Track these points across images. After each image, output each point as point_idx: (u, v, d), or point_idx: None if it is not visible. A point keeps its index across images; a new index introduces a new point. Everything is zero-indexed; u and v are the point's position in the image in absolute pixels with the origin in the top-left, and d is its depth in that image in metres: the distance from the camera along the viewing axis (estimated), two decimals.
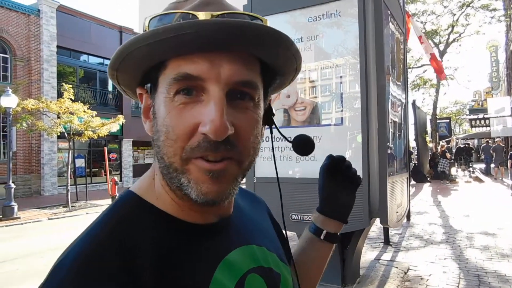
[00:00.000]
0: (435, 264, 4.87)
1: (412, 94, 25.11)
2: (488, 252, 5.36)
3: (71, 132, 11.64)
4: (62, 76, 16.52)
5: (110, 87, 19.09)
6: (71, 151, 12.17)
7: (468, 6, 21.70)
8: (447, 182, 15.64)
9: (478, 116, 25.94)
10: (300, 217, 3.36)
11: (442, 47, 22.91)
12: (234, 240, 0.59)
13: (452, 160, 16.78)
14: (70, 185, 11.61)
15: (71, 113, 11.28)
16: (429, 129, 22.20)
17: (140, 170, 19.64)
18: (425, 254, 5.33)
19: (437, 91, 23.30)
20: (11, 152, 10.23)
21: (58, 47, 15.97)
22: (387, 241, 5.89)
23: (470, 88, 56.49)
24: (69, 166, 11.83)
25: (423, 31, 20.51)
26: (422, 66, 22.82)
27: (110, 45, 18.29)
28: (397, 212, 3.55)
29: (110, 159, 17.39)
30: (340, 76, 3.43)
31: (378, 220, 3.36)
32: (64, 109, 11.14)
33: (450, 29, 22.55)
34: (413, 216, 8.03)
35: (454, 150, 20.49)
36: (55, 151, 15.78)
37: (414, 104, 15.83)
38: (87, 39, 17.31)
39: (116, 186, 12.50)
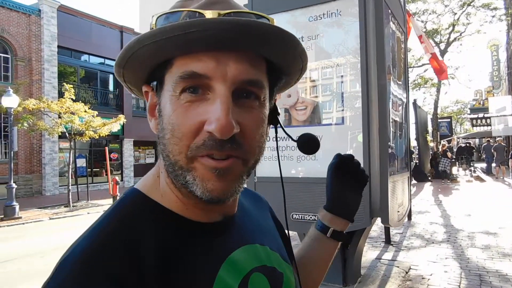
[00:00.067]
0: (436, 263, 4.86)
1: (413, 93, 25.15)
2: (489, 251, 5.35)
3: (72, 132, 11.66)
4: (63, 76, 16.55)
5: (111, 87, 19.12)
6: (72, 151, 12.20)
7: (469, 5, 21.69)
8: (448, 181, 15.62)
9: (478, 115, 25.89)
10: (301, 216, 3.36)
11: (443, 46, 22.91)
12: (238, 239, 0.59)
13: (453, 160, 16.74)
14: (71, 185, 11.63)
15: (72, 113, 11.31)
16: (430, 128, 22.18)
17: (141, 170, 19.66)
18: (426, 253, 5.32)
19: (438, 91, 23.29)
20: (12, 152, 10.24)
21: (59, 47, 15.99)
22: (388, 240, 5.88)
23: (471, 87, 56.74)
24: (70, 166, 11.85)
25: (424, 30, 20.51)
26: (423, 66, 22.83)
27: (111, 45, 18.32)
28: (398, 211, 3.54)
29: (111, 159, 17.41)
30: (341, 76, 3.43)
31: (379, 219, 3.36)
32: (65, 109, 11.16)
33: (451, 28, 22.53)
34: (414, 216, 8.03)
35: (455, 150, 20.45)
36: (56, 151, 15.81)
37: (415, 103, 15.82)
38: (88, 39, 17.32)
39: (117, 186, 12.52)
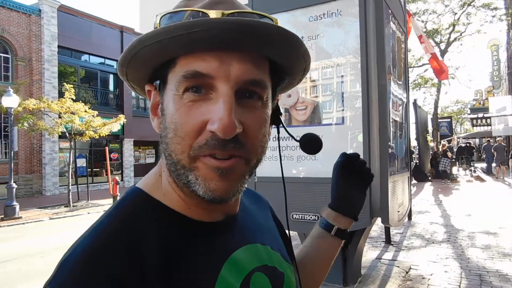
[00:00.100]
0: (436, 263, 4.86)
1: (413, 93, 25.15)
2: (489, 251, 5.35)
3: (73, 132, 11.66)
4: (63, 76, 16.55)
5: (111, 87, 19.12)
6: (72, 151, 12.20)
7: (469, 5, 21.69)
8: (448, 181, 15.62)
9: (478, 115, 25.87)
10: (302, 216, 3.36)
11: (443, 46, 22.90)
12: (239, 239, 0.59)
13: (453, 160, 16.74)
14: (72, 185, 11.63)
15: (72, 113, 11.31)
16: (430, 128, 22.17)
17: (141, 170, 19.66)
18: (426, 253, 5.32)
19: (438, 90, 23.28)
20: (12, 152, 10.25)
21: (59, 47, 15.99)
22: (388, 240, 5.88)
23: (471, 87, 56.74)
24: (70, 166, 11.85)
25: (424, 30, 20.51)
26: (423, 65, 22.82)
27: (111, 45, 18.32)
28: (398, 211, 3.54)
29: (111, 159, 17.41)
30: (341, 76, 3.43)
31: (379, 219, 3.36)
32: (65, 109, 11.17)
33: (451, 28, 22.53)
34: (414, 216, 8.03)
35: (455, 149, 20.46)
36: (56, 151, 15.81)
37: (415, 103, 15.83)
38: (88, 39, 17.32)
39: (117, 186, 12.52)
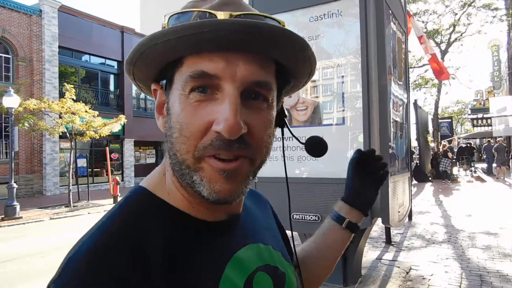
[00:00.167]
0: (437, 263, 4.86)
1: (414, 93, 25.14)
2: (490, 251, 5.35)
3: (73, 132, 11.66)
4: (63, 76, 16.55)
5: (112, 87, 19.13)
6: (73, 151, 12.21)
7: (469, 5, 21.67)
8: (449, 181, 15.61)
9: (477, 115, 25.84)
10: (302, 216, 3.36)
11: (443, 46, 22.89)
12: (242, 238, 0.60)
13: (454, 160, 16.71)
14: (72, 185, 11.63)
15: (73, 113, 11.31)
16: (430, 128, 22.16)
17: (142, 170, 19.67)
18: (427, 253, 5.32)
19: (438, 91, 23.27)
20: (13, 152, 10.26)
21: (59, 47, 15.99)
22: (388, 240, 5.88)
23: (472, 88, 56.67)
24: (71, 166, 11.85)
25: (425, 30, 20.50)
26: (423, 66, 22.80)
27: (112, 45, 18.34)
28: (398, 211, 3.54)
29: (111, 159, 17.43)
30: (342, 76, 3.43)
31: (379, 219, 3.36)
32: (66, 109, 11.17)
33: (452, 28, 22.52)
34: (414, 216, 8.02)
35: (456, 150, 20.45)
36: (57, 151, 15.82)
37: (415, 103, 15.82)
38: (89, 39, 17.32)
39: (118, 186, 12.53)
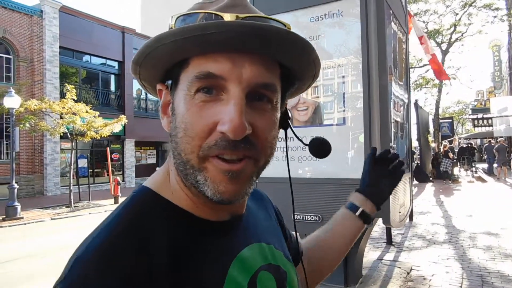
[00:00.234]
0: (438, 264, 4.85)
1: (415, 94, 25.14)
2: (491, 252, 5.34)
3: (74, 133, 11.67)
4: (64, 77, 16.56)
5: (112, 87, 19.14)
6: (73, 152, 12.21)
7: (470, 5, 21.66)
8: (450, 182, 15.58)
9: (478, 116, 25.80)
10: (302, 217, 3.36)
11: (444, 46, 22.88)
12: (245, 238, 0.60)
13: (454, 160, 16.68)
14: (73, 185, 11.64)
15: (74, 113, 11.32)
16: (431, 129, 22.14)
17: (143, 171, 19.68)
18: (428, 254, 5.31)
19: (439, 91, 23.26)
20: (14, 153, 10.27)
21: (60, 47, 16.01)
22: (389, 241, 5.88)
23: (472, 88, 56.40)
24: (71, 166, 11.85)
25: (425, 30, 20.50)
26: (424, 66, 22.79)
27: (112, 45, 18.35)
28: (399, 212, 3.54)
29: (112, 159, 17.45)
30: (342, 76, 3.43)
31: (380, 220, 3.35)
32: (67, 109, 11.18)
33: (453, 28, 22.50)
34: (415, 216, 8.01)
35: (456, 150, 20.41)
36: (58, 152, 15.83)
37: (416, 104, 15.80)
38: (90, 39, 17.34)
39: (119, 186, 12.54)
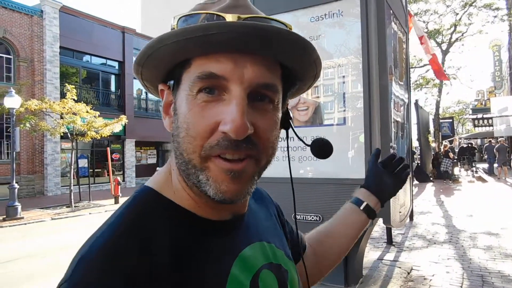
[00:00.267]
0: (438, 264, 4.85)
1: (415, 93, 25.12)
2: (491, 252, 5.34)
3: (74, 133, 11.67)
4: (65, 77, 16.56)
5: (113, 87, 19.14)
6: (74, 152, 12.21)
7: (471, 5, 21.63)
8: (450, 182, 15.58)
9: (478, 116, 25.78)
10: (303, 217, 3.36)
11: (444, 46, 22.86)
12: (246, 237, 0.61)
13: (455, 160, 16.68)
14: (73, 185, 11.65)
15: (74, 113, 11.32)
16: (432, 128, 22.13)
17: (143, 171, 19.68)
18: (428, 254, 5.31)
19: (439, 91, 23.24)
20: (14, 153, 10.27)
21: (61, 47, 16.01)
22: (390, 241, 5.87)
23: (473, 88, 56.36)
24: (72, 166, 11.86)
25: (426, 30, 20.48)
26: (424, 66, 22.78)
27: (113, 45, 18.36)
28: (400, 212, 3.54)
29: (113, 160, 17.45)
30: (343, 76, 3.43)
31: (381, 220, 3.35)
32: (67, 109, 11.18)
33: (453, 28, 22.48)
34: (416, 216, 8.01)
35: (457, 150, 20.41)
36: (58, 152, 15.84)
37: (416, 103, 15.81)
38: (90, 39, 17.34)
39: (119, 187, 12.55)
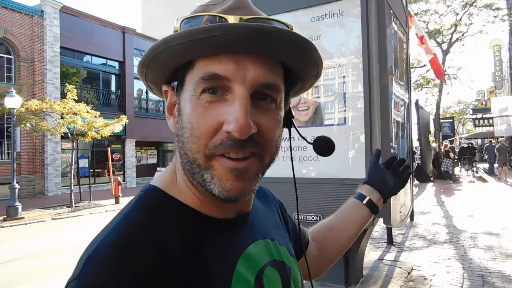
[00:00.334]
0: (438, 264, 4.85)
1: (415, 93, 25.12)
2: (492, 252, 5.34)
3: (75, 133, 11.68)
4: (65, 77, 16.57)
5: (113, 87, 19.15)
6: (74, 152, 12.21)
7: (471, 5, 21.64)
8: (451, 182, 15.57)
9: (479, 116, 25.77)
10: (303, 217, 3.36)
11: (445, 46, 22.86)
12: (251, 234, 0.62)
13: (455, 160, 16.67)
14: (74, 185, 11.65)
15: (75, 113, 11.33)
16: (432, 128, 22.13)
17: (143, 171, 19.69)
18: (428, 254, 5.31)
19: (440, 91, 23.26)
20: (15, 153, 10.27)
21: (61, 47, 16.02)
22: (390, 241, 5.87)
23: (473, 88, 56.32)
24: (72, 167, 11.87)
25: (426, 30, 20.47)
26: (424, 66, 22.77)
27: (113, 45, 18.37)
28: (400, 212, 3.54)
29: (113, 160, 17.45)
30: (343, 76, 3.43)
31: (381, 220, 3.35)
32: (68, 109, 11.19)
33: (453, 28, 22.49)
34: (416, 216, 8.01)
35: (457, 150, 20.40)
36: (58, 152, 15.85)
37: (417, 103, 15.79)
38: (90, 39, 17.35)
39: (119, 187, 12.55)
